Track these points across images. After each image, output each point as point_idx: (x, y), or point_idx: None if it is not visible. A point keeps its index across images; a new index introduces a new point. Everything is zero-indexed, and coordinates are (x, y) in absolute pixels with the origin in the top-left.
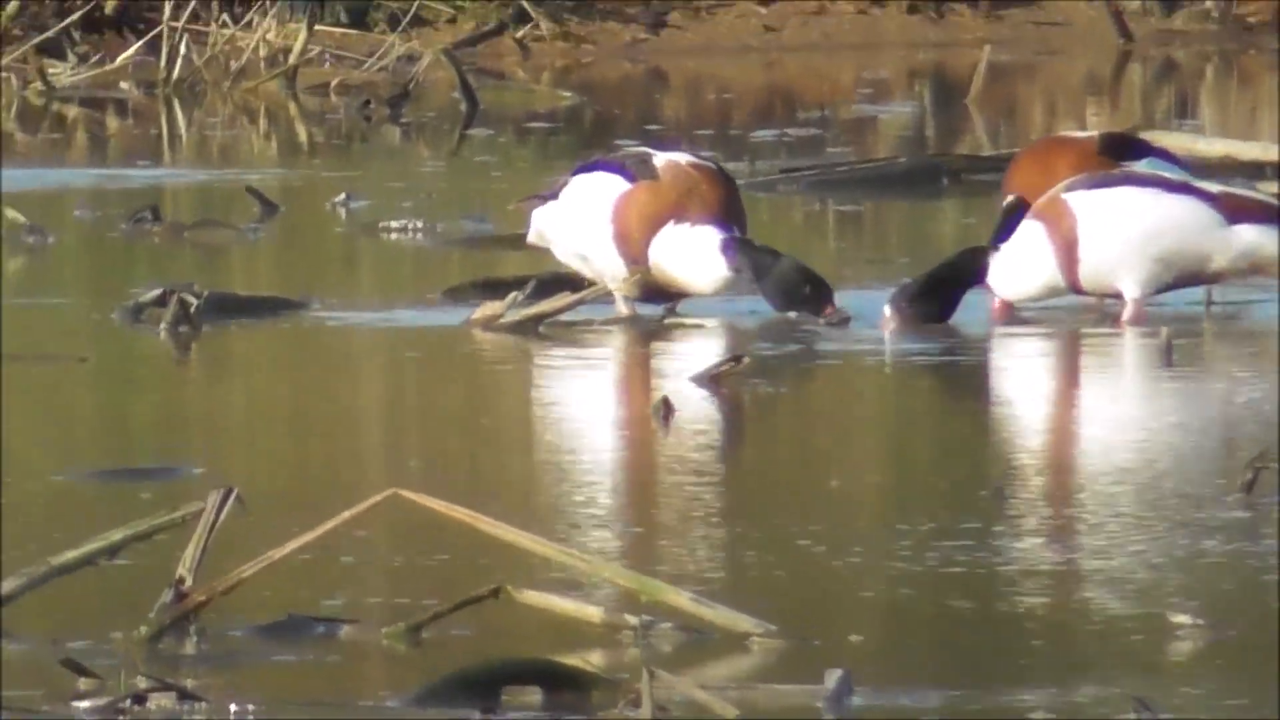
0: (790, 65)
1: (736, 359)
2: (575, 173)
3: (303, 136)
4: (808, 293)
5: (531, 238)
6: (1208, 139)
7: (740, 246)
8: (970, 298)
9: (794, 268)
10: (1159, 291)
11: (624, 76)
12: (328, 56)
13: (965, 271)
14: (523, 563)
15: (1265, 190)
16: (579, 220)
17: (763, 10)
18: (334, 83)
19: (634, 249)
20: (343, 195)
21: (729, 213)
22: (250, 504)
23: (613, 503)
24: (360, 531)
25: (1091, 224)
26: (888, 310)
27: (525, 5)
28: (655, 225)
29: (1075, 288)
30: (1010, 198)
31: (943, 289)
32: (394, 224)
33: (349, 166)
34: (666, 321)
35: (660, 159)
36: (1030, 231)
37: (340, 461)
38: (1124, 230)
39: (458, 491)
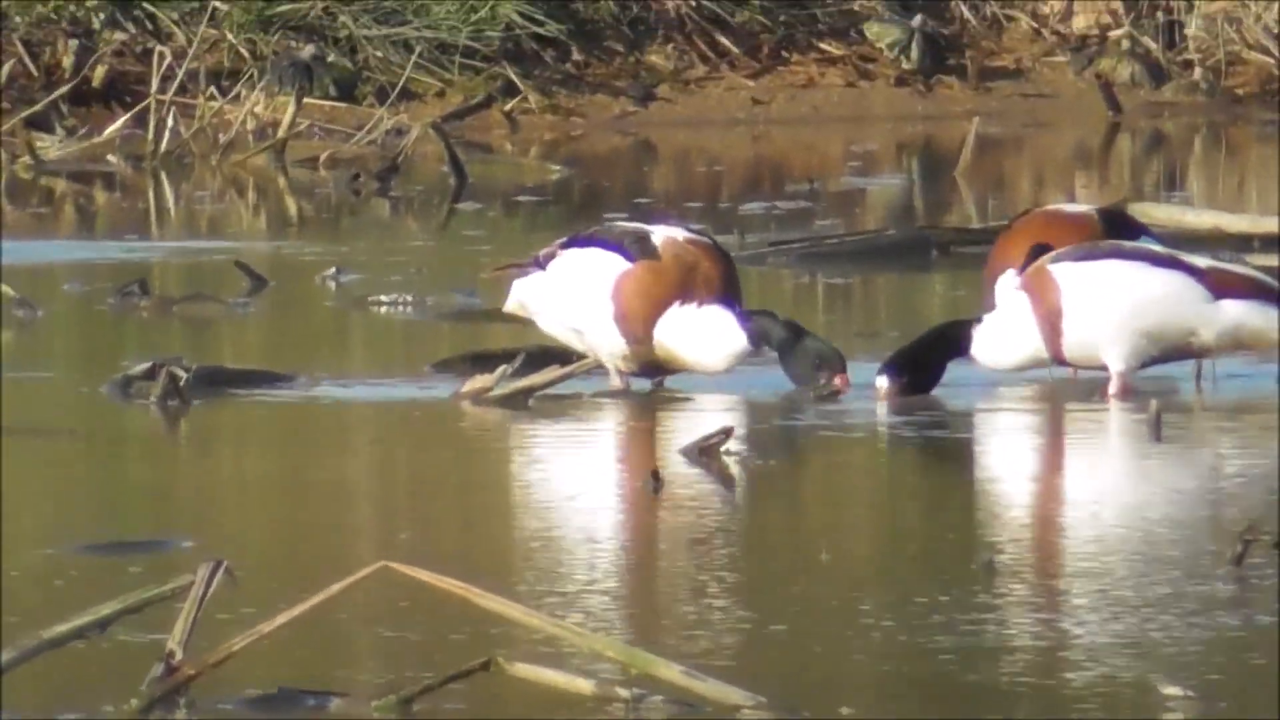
0: (779, 138)
1: (726, 432)
2: (566, 246)
3: (292, 210)
4: (828, 367)
5: (511, 307)
6: (1196, 211)
7: (759, 320)
8: (958, 371)
9: (815, 344)
10: (1144, 366)
11: (613, 149)
12: (316, 130)
13: (949, 343)
14: (513, 635)
15: (1256, 263)
16: (575, 296)
17: (751, 83)
18: (323, 156)
19: (636, 328)
20: (332, 269)
21: (730, 289)
22: (240, 577)
23: (603, 575)
24: (351, 604)
25: (1076, 297)
26: (881, 381)
27: (513, 78)
28: (659, 306)
29: (1059, 359)
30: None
31: (928, 360)
32: (383, 297)
33: (338, 240)
34: (655, 395)
35: (658, 236)
36: (1015, 302)
37: (330, 534)
38: (1109, 304)
39: (448, 564)
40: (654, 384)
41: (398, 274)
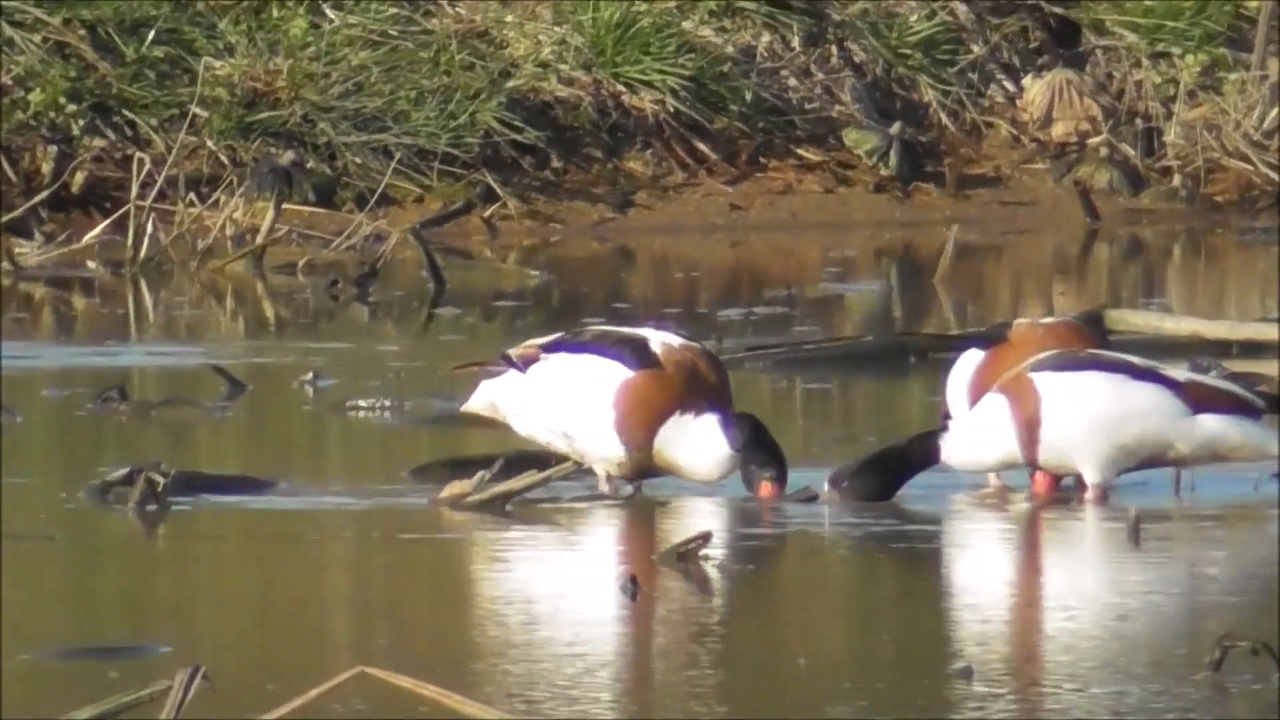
0: (757, 244)
1: (704, 536)
2: (551, 349)
3: (270, 315)
4: (768, 471)
5: (476, 406)
6: (1175, 317)
7: (740, 423)
8: (935, 476)
9: (760, 453)
10: (1119, 475)
11: (591, 255)
12: (295, 235)
13: (915, 455)
14: None
15: (1234, 369)
16: (568, 402)
17: (729, 189)
18: (301, 262)
19: (637, 437)
20: (310, 374)
21: (725, 395)
22: (217, 682)
23: (580, 680)
24: (329, 710)
25: (1055, 407)
26: (826, 486)
27: (492, 184)
28: (662, 415)
29: (1033, 465)
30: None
31: (889, 469)
32: (362, 403)
33: (316, 345)
34: (634, 499)
35: (655, 344)
36: (993, 405)
37: (308, 640)
38: (1087, 416)
39: (426, 669)
40: (634, 488)
41: (376, 379)
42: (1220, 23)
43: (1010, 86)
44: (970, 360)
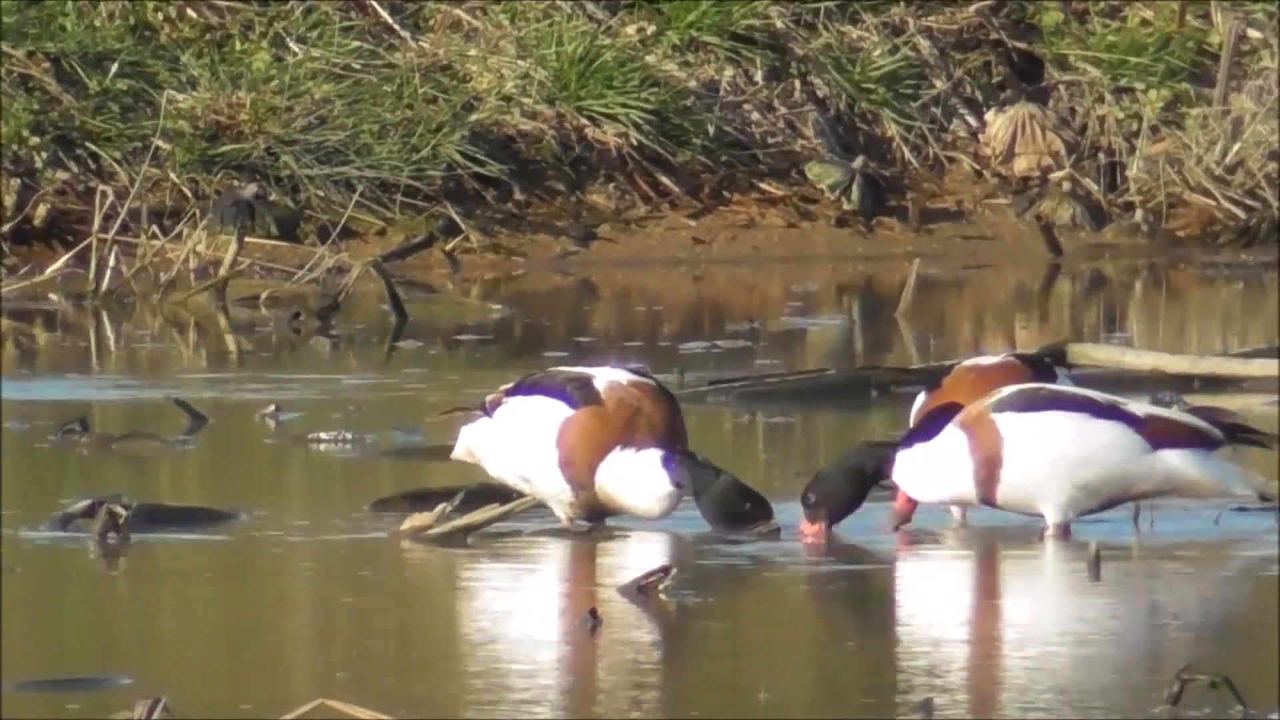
0: (720, 278)
1: (664, 570)
2: (511, 393)
3: (232, 348)
4: (747, 510)
5: (459, 453)
6: (1137, 352)
7: (682, 463)
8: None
9: (732, 486)
10: (1080, 515)
11: (554, 288)
12: (258, 268)
13: (868, 468)
14: None
15: (1196, 403)
16: (520, 443)
17: (692, 223)
18: (264, 294)
19: (580, 475)
20: (272, 407)
21: (672, 432)
22: (178, 713)
23: (540, 714)
24: None
25: (1017, 448)
26: (802, 507)
27: (455, 217)
28: (602, 451)
29: (989, 503)
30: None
31: (851, 478)
32: (323, 435)
33: (278, 378)
34: (594, 533)
35: (601, 381)
36: (952, 440)
37: (269, 671)
38: (1050, 458)
39: (386, 701)
40: (591, 525)
41: (338, 412)
42: (1182, 58)
43: (973, 121)
44: (920, 402)
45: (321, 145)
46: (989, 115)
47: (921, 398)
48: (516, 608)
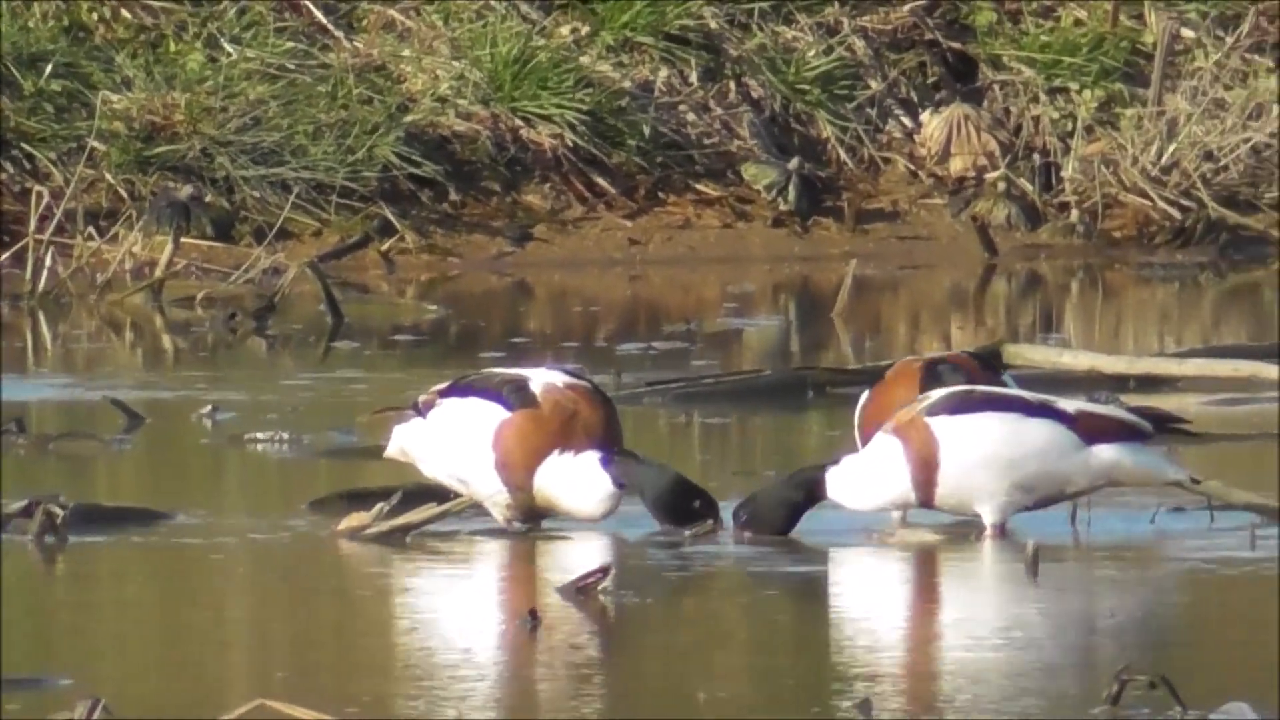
0: (656, 278)
1: (603, 570)
2: (445, 394)
3: (169, 348)
4: (695, 507)
5: (392, 452)
6: (1073, 352)
7: (623, 462)
8: (834, 513)
9: (679, 482)
10: (1017, 513)
11: (489, 289)
12: (194, 269)
13: (801, 496)
14: None
15: (1132, 403)
16: (456, 446)
17: (628, 224)
18: (200, 295)
19: (517, 477)
20: (209, 407)
21: (609, 434)
22: (118, 714)
23: (479, 714)
24: None
25: (953, 451)
26: (732, 524)
27: (390, 218)
28: (539, 454)
29: (927, 506)
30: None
31: (783, 505)
32: (260, 435)
33: (215, 378)
34: (533, 533)
35: (537, 384)
36: (886, 446)
37: (207, 671)
38: (985, 459)
39: (325, 701)
40: (531, 524)
41: (274, 412)
42: (1117, 58)
43: (908, 122)
44: (864, 400)
45: (257, 146)
46: (924, 116)
47: (865, 395)
48: (455, 607)
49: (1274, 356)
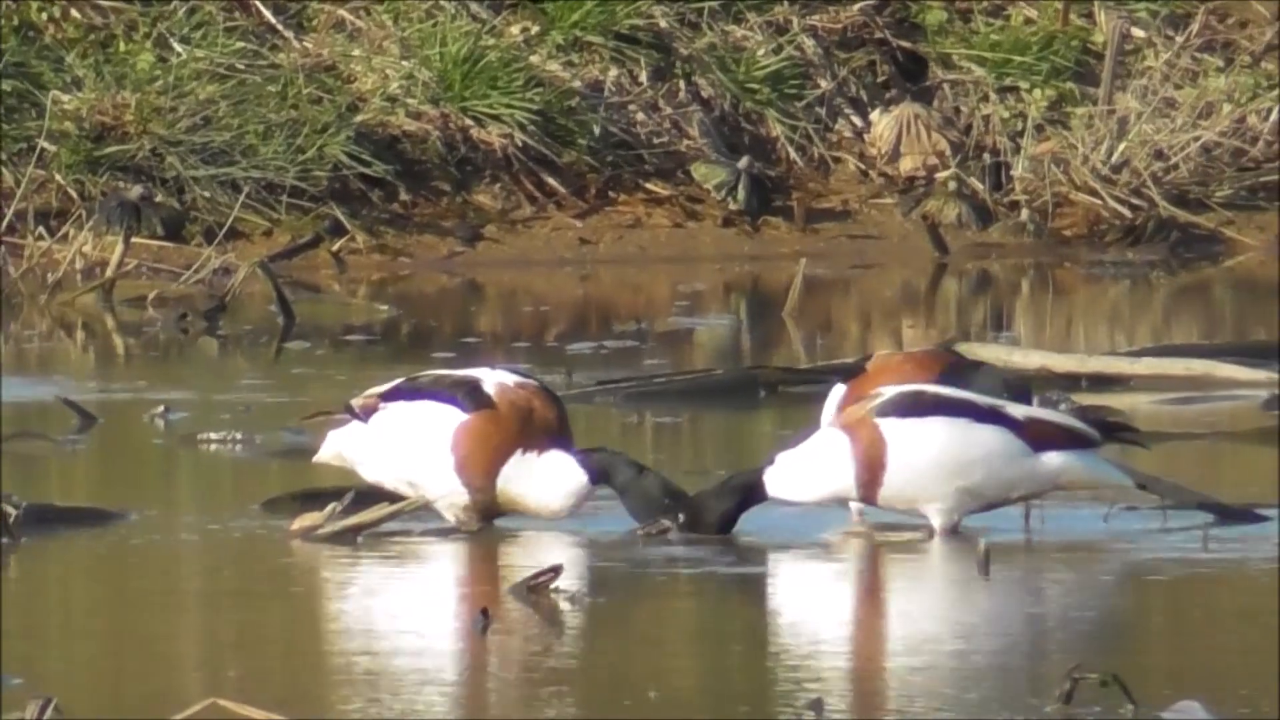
0: (606, 278)
1: (554, 570)
2: (390, 397)
3: (120, 349)
4: (669, 507)
5: (326, 457)
6: (1024, 351)
7: (602, 458)
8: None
9: (658, 483)
10: (964, 516)
11: (440, 289)
12: (144, 269)
13: (742, 491)
14: None
15: (1083, 402)
16: (408, 450)
17: (578, 223)
18: (151, 295)
19: (478, 479)
20: (160, 407)
21: (564, 430)
22: (69, 714)
23: (431, 713)
24: None
25: (900, 453)
26: (669, 523)
27: (341, 217)
28: (500, 455)
29: (869, 502)
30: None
31: (722, 507)
32: (212, 435)
33: (167, 378)
34: (485, 533)
35: (490, 384)
36: (833, 441)
37: (159, 671)
38: (933, 463)
39: (276, 701)
40: (484, 524)
41: (226, 412)
42: (1067, 57)
43: (858, 121)
44: (836, 394)
45: (207, 146)
46: (874, 115)
47: (841, 389)
48: (407, 607)
49: (1225, 355)
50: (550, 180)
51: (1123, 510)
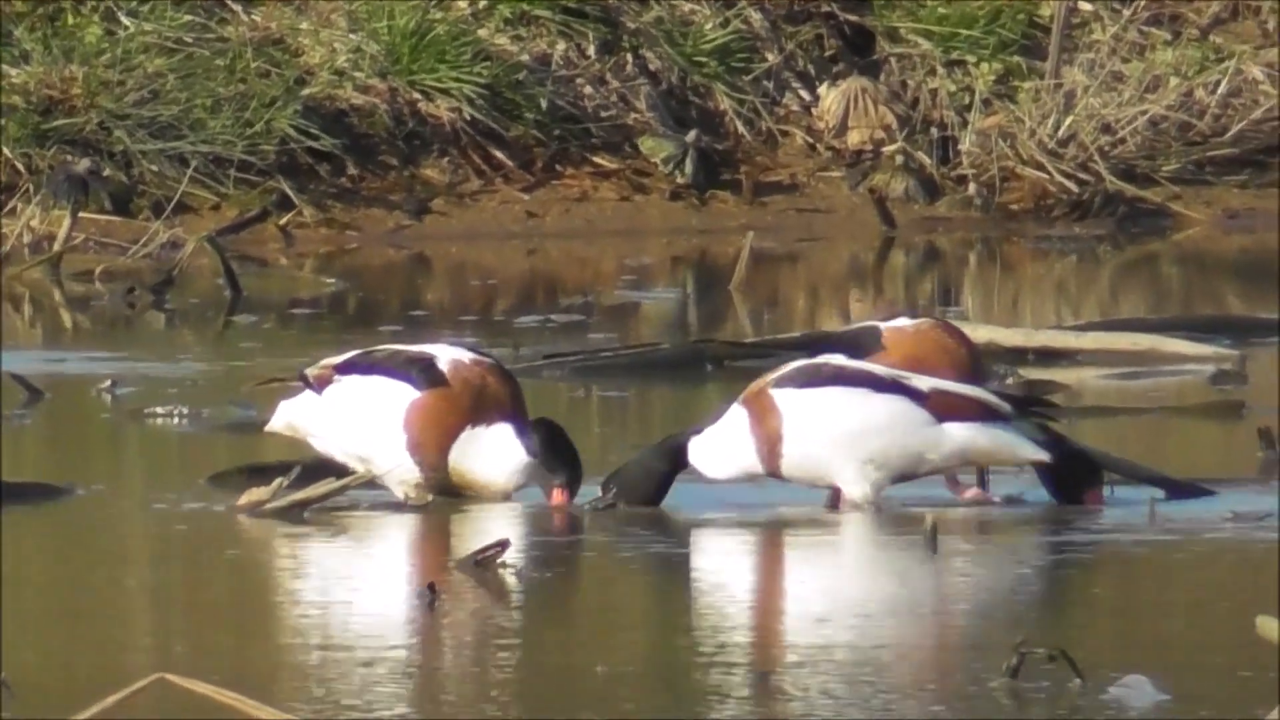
0: (553, 251)
1: (502, 544)
2: (344, 370)
3: (68, 323)
4: (557, 476)
5: (277, 427)
6: (971, 325)
7: (540, 433)
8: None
9: (553, 456)
10: (877, 489)
11: (388, 263)
12: (92, 243)
13: (670, 459)
14: None
15: (1031, 377)
16: (360, 425)
17: (525, 197)
18: (98, 269)
19: (430, 456)
20: (108, 381)
21: (517, 407)
22: (15, 689)
23: (378, 687)
24: (127, 716)
25: (796, 424)
26: (600, 494)
27: (288, 191)
28: (452, 432)
29: (775, 476)
30: None
31: (651, 475)
32: (159, 410)
33: (114, 353)
34: (432, 507)
35: (443, 360)
36: (736, 417)
37: (106, 646)
38: (830, 432)
39: (224, 676)
40: (432, 499)
41: (174, 386)
42: (1014, 31)
43: (805, 94)
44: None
45: (155, 120)
46: (821, 89)
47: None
48: (354, 582)
49: (1172, 329)
50: (498, 154)
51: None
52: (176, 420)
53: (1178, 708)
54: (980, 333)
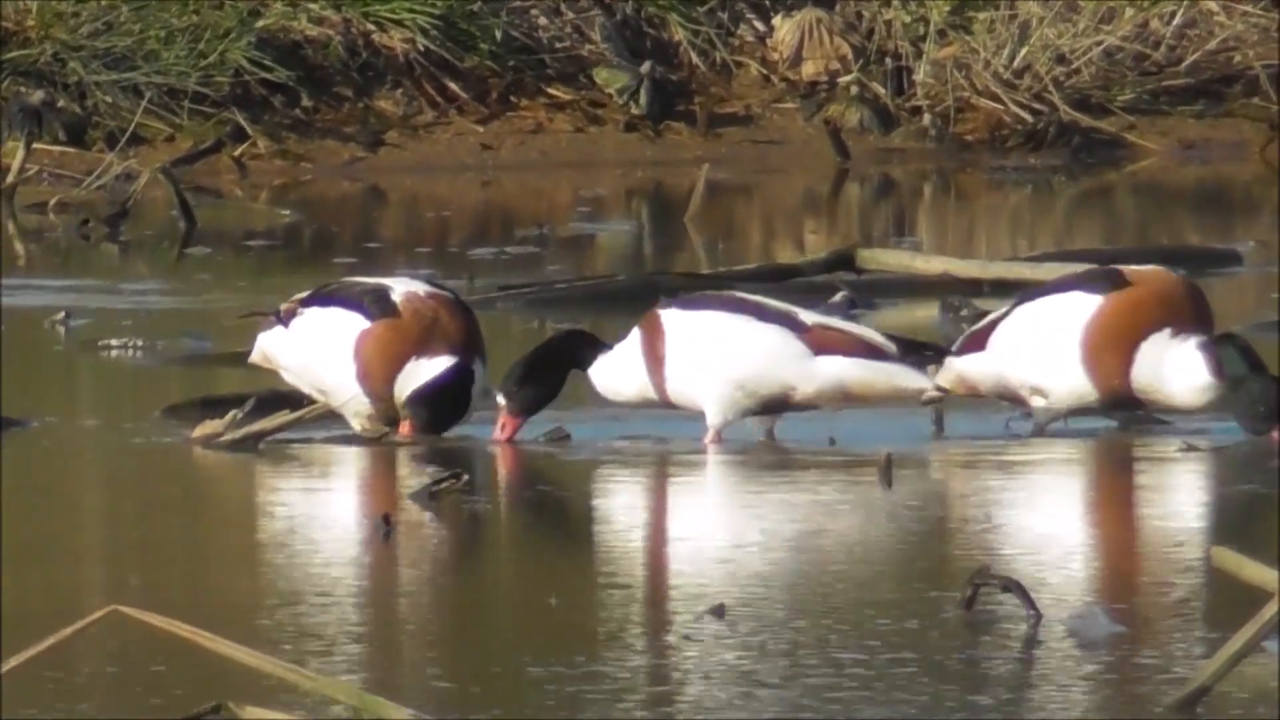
0: (508, 183)
1: (456, 475)
2: (307, 303)
3: (21, 254)
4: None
5: (255, 358)
6: (926, 257)
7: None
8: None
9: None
10: (743, 416)
11: (342, 194)
12: (46, 175)
13: (566, 354)
14: (246, 679)
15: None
16: (316, 355)
17: (480, 129)
18: (52, 201)
19: (377, 386)
20: (62, 313)
21: (469, 341)
22: None
23: (334, 619)
24: (81, 649)
25: (677, 344)
26: (499, 397)
27: (242, 123)
28: (399, 363)
29: (664, 401)
30: None
31: (546, 370)
32: (114, 342)
33: (67, 285)
34: (387, 439)
35: (398, 293)
36: (632, 340)
37: (60, 579)
38: (705, 354)
39: (179, 609)
40: (387, 430)
41: (128, 318)
42: None
43: (760, 25)
44: (1078, 306)
45: (109, 51)
46: (776, 20)
47: (1091, 299)
48: (309, 513)
49: (1127, 260)
50: (452, 85)
51: (1023, 417)
52: (131, 352)
53: (1132, 639)
54: (935, 264)
